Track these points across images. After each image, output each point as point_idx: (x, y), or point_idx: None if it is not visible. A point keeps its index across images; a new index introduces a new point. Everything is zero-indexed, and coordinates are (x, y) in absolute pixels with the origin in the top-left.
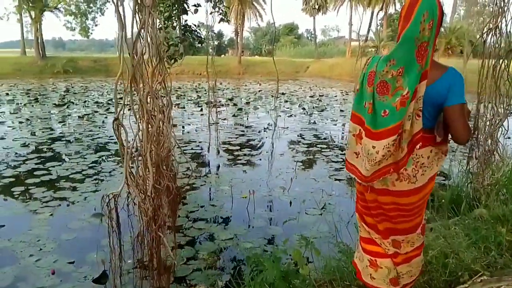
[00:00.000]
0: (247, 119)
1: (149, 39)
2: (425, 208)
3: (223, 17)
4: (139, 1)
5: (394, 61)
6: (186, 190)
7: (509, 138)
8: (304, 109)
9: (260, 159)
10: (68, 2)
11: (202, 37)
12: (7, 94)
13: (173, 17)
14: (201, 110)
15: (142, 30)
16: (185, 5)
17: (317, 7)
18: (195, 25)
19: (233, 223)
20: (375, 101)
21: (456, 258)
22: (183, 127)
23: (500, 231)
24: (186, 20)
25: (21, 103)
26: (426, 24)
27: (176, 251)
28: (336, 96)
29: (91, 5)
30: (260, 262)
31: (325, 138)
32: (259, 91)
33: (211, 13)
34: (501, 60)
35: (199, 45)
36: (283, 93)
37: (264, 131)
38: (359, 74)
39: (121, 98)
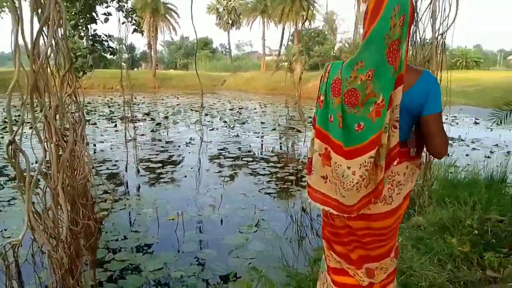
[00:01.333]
0: (167, 134)
1: (53, 40)
2: (398, 229)
3: (136, 27)
4: None
5: (362, 63)
6: (103, 216)
7: None
8: (225, 122)
9: (185, 176)
10: None
11: (114, 47)
12: None
13: (80, 26)
14: (115, 126)
15: (45, 27)
16: (93, 14)
17: (230, 22)
18: (105, 35)
19: (160, 250)
20: (345, 114)
21: (416, 275)
22: (94, 145)
23: (451, 242)
24: (95, 30)
25: None
26: (397, 19)
27: None
28: (255, 108)
29: None
30: None
31: (249, 151)
32: (177, 105)
33: (123, 23)
34: None
35: (111, 56)
36: (203, 107)
37: (187, 145)
38: (319, 85)
39: (18, 115)
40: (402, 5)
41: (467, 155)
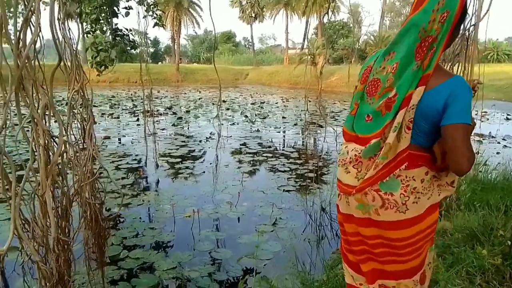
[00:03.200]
0: (188, 128)
1: (55, 29)
2: (427, 249)
3: (157, 21)
4: None
5: (393, 54)
6: (117, 213)
7: None
8: (246, 116)
9: (204, 172)
10: None
11: (135, 41)
12: None
13: (101, 20)
14: (138, 120)
15: (33, 17)
16: (114, 8)
17: (253, 15)
18: (126, 29)
19: (176, 249)
20: (362, 102)
21: None
22: (119, 139)
23: (481, 253)
24: (116, 24)
25: None
26: (439, 14)
27: None
28: (277, 103)
29: None
30: None
31: (269, 147)
32: (199, 99)
33: (144, 16)
34: None
35: (132, 50)
36: (224, 101)
37: (207, 140)
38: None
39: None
40: (449, 1)
41: (498, 153)
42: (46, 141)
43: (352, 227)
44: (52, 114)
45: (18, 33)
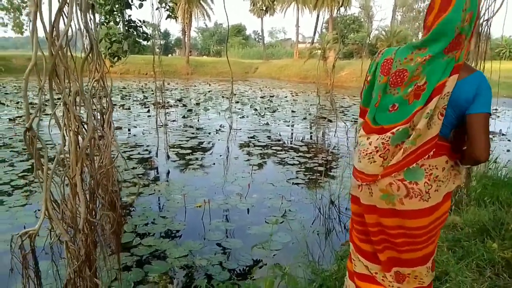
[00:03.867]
0: (198, 120)
1: (75, 19)
2: (438, 236)
3: (170, 13)
4: None
5: (425, 49)
6: (131, 201)
7: None
8: (256, 110)
9: (214, 163)
10: None
11: (148, 33)
12: None
13: (115, 12)
14: (148, 111)
15: (66, 6)
16: None
17: (264, 8)
18: (140, 21)
19: (186, 237)
20: (384, 94)
21: (451, 281)
22: (129, 130)
23: (491, 246)
24: (130, 15)
25: None
26: (467, 14)
27: (121, 276)
28: (286, 96)
29: None
30: None
31: (278, 140)
32: (209, 91)
33: (157, 8)
34: None
35: (145, 42)
36: (234, 94)
37: (217, 133)
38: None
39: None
40: (472, 1)
41: (508, 150)
42: (77, 126)
43: (373, 217)
44: (82, 102)
45: (52, 23)
